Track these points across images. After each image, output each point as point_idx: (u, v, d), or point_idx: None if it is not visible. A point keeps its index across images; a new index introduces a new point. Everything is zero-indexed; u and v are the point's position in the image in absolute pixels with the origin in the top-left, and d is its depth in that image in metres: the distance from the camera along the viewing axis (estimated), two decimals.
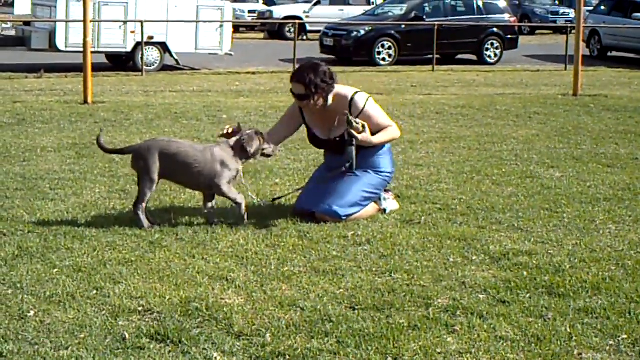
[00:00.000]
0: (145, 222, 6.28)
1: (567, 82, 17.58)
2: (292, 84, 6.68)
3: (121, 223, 6.36)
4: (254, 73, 20.71)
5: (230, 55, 21.99)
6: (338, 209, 6.53)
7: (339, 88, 6.72)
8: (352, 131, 6.43)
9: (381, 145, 6.76)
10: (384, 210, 6.81)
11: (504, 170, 8.58)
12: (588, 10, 30.11)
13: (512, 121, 12.27)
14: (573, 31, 17.75)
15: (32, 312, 4.64)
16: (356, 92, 6.73)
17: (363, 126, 6.49)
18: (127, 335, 4.37)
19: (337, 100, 6.69)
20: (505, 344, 4.35)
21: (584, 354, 4.27)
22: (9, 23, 25.08)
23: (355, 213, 6.60)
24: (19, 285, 5.05)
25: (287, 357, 4.20)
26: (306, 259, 5.67)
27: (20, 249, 5.74)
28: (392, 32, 23.90)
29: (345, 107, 6.63)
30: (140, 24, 20.07)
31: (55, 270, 5.33)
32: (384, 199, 6.86)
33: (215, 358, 4.18)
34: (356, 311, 4.75)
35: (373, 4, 32.65)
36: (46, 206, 6.87)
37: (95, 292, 4.97)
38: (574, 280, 5.26)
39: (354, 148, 6.52)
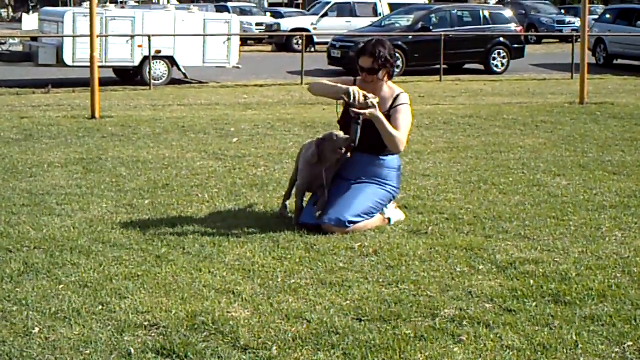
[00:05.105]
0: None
1: (573, 90, 17.57)
2: (362, 58, 6.87)
3: (128, 238, 6.38)
4: (261, 86, 20.73)
5: (238, 68, 22.01)
6: (341, 217, 6.54)
7: (392, 84, 7.02)
8: (359, 110, 6.56)
9: (390, 160, 6.88)
10: (389, 219, 6.81)
11: (510, 179, 8.57)
12: (593, 19, 30.20)
13: (519, 130, 12.26)
14: (579, 40, 17.72)
15: (37, 329, 4.63)
16: (404, 92, 7.01)
17: (372, 105, 6.59)
18: (132, 351, 4.36)
19: (389, 89, 6.95)
20: (511, 353, 4.33)
21: None
22: (16, 39, 25.18)
23: (360, 222, 6.60)
24: (24, 302, 5.03)
25: None
26: (313, 271, 5.66)
27: (26, 265, 5.74)
28: (399, 43, 23.90)
29: (391, 98, 6.88)
30: (147, 38, 20.12)
31: (61, 286, 5.33)
32: (386, 206, 6.86)
33: None
34: (362, 322, 4.74)
35: (380, 16, 32.71)
36: (52, 222, 6.88)
37: (101, 307, 4.96)
38: (580, 288, 5.25)
39: (359, 127, 6.59)
